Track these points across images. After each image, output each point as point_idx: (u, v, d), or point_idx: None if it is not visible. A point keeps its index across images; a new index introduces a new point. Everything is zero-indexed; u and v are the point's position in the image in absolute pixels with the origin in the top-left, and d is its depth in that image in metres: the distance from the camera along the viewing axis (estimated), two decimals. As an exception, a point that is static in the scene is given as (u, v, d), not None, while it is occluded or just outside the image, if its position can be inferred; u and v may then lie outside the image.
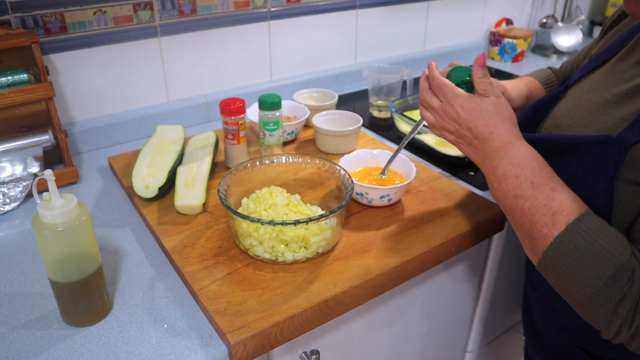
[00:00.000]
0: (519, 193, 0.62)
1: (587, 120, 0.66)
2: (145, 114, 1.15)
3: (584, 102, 0.68)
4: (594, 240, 0.56)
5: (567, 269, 0.57)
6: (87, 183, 0.99)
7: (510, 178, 0.63)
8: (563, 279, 0.58)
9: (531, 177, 0.62)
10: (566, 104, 0.71)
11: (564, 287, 0.59)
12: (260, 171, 0.85)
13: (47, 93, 0.90)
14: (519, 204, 0.62)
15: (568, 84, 0.75)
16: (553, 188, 0.60)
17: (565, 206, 0.58)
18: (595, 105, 0.66)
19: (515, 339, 1.24)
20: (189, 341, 0.63)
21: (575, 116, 0.68)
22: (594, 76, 0.72)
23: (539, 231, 0.59)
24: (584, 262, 0.56)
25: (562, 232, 0.57)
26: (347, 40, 1.43)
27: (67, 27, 1.01)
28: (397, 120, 1.13)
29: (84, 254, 0.62)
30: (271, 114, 0.94)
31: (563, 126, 0.69)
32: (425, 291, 0.91)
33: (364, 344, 0.86)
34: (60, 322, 0.66)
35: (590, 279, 0.55)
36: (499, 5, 1.75)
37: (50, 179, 0.58)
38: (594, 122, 0.64)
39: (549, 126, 0.72)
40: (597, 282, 0.55)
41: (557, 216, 0.58)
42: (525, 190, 0.61)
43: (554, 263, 0.58)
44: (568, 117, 0.69)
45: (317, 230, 0.74)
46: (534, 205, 0.60)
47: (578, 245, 0.56)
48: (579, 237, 0.56)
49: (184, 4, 1.12)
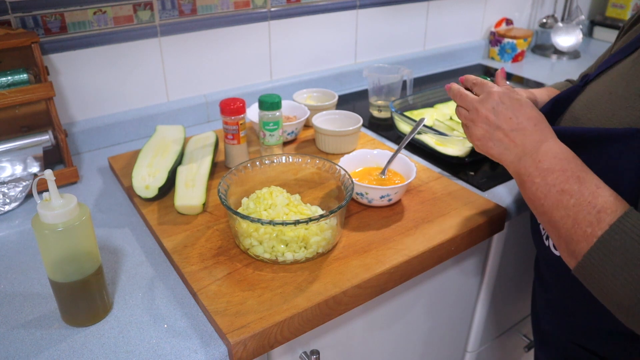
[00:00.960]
0: (565, 188, 0.59)
1: (609, 114, 0.63)
2: (145, 114, 1.15)
3: (605, 96, 0.66)
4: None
5: (613, 270, 0.54)
6: (87, 183, 0.99)
7: (557, 172, 0.60)
8: (607, 281, 0.55)
9: (577, 171, 0.59)
10: (586, 98, 0.69)
11: (607, 290, 0.55)
12: (260, 171, 0.85)
13: (47, 93, 0.90)
14: (563, 200, 0.59)
15: (587, 80, 0.74)
16: (597, 184, 0.58)
17: (609, 204, 0.56)
18: (617, 99, 0.64)
19: (516, 339, 1.24)
20: (189, 341, 0.63)
21: (596, 110, 0.66)
22: (615, 70, 0.69)
23: (583, 231, 0.57)
24: (632, 263, 0.53)
25: (607, 232, 0.54)
26: (347, 40, 1.43)
27: (67, 27, 1.01)
28: (397, 120, 1.13)
29: (84, 254, 0.62)
30: (271, 114, 0.94)
31: (583, 120, 0.67)
32: (425, 291, 0.91)
33: (364, 344, 0.86)
34: (60, 322, 0.66)
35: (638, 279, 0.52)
36: (499, 5, 1.75)
37: (50, 179, 0.58)
38: (617, 115, 0.62)
39: (568, 120, 0.70)
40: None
41: (601, 214, 0.56)
42: (572, 185, 0.58)
43: (598, 265, 0.55)
44: (588, 111, 0.67)
45: (317, 230, 0.74)
46: (579, 202, 0.57)
47: (625, 245, 0.53)
48: (626, 237, 0.53)
49: (184, 4, 1.12)
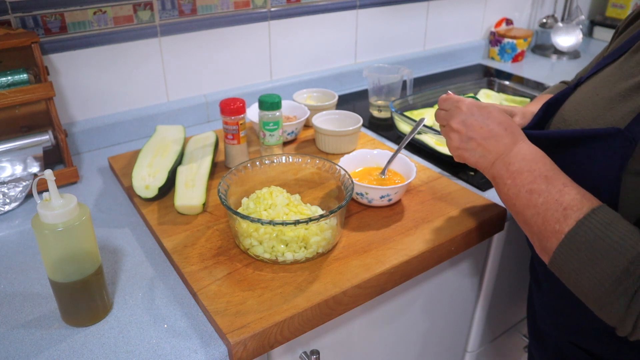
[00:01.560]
0: (533, 188, 0.62)
1: (594, 115, 0.65)
2: (145, 114, 1.15)
3: (591, 97, 0.68)
4: (605, 235, 0.56)
5: (579, 265, 0.57)
6: (87, 183, 0.99)
7: (525, 173, 0.63)
8: (576, 275, 0.58)
9: (544, 171, 0.62)
10: (574, 100, 0.71)
11: (577, 284, 0.58)
12: (260, 171, 0.85)
13: (47, 93, 0.90)
14: (532, 199, 0.62)
15: (579, 82, 0.75)
16: (564, 183, 0.61)
17: (576, 201, 0.59)
18: (603, 100, 0.66)
19: (515, 339, 1.24)
20: (189, 341, 0.63)
21: (582, 111, 0.68)
22: (604, 73, 0.71)
23: (552, 228, 0.59)
24: (595, 257, 0.56)
25: (573, 228, 0.57)
26: (347, 40, 1.43)
27: (67, 27, 1.01)
28: (397, 120, 1.13)
29: (84, 254, 0.62)
30: (271, 114, 0.94)
31: (571, 121, 0.69)
32: (425, 291, 0.91)
33: (364, 344, 0.86)
34: (60, 322, 0.66)
35: (602, 273, 0.55)
36: (499, 5, 1.75)
37: (50, 179, 0.58)
38: (602, 116, 0.64)
39: (557, 122, 0.72)
40: (610, 276, 0.55)
41: (568, 211, 0.58)
42: (540, 185, 0.62)
43: (566, 260, 0.58)
44: (576, 113, 0.68)
45: (317, 230, 0.74)
46: (547, 201, 0.60)
47: (589, 241, 0.56)
48: (590, 233, 0.56)
49: (184, 4, 1.12)
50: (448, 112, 0.72)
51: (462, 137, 0.70)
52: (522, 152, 0.65)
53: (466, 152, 0.70)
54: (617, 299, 0.55)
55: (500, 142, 0.67)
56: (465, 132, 0.69)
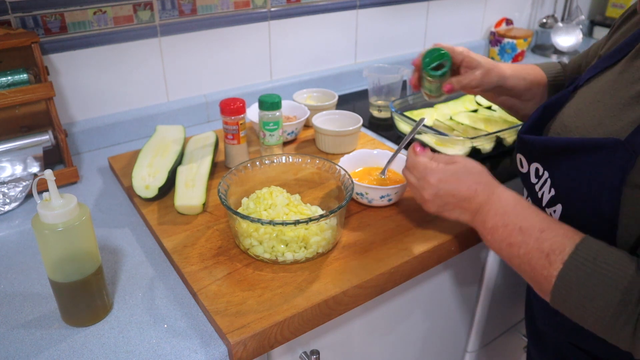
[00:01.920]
0: (511, 241, 0.64)
1: (596, 122, 0.65)
2: (145, 114, 1.15)
3: (593, 104, 0.68)
4: (593, 270, 0.57)
5: (577, 303, 0.58)
6: (87, 183, 0.99)
7: (500, 228, 0.66)
8: (577, 313, 0.59)
9: (518, 222, 0.64)
10: (575, 105, 0.71)
11: (581, 320, 0.59)
12: (260, 171, 0.85)
13: (47, 93, 0.90)
14: (513, 252, 0.64)
15: (577, 85, 0.75)
16: (541, 229, 0.62)
17: (556, 244, 0.60)
18: (604, 107, 0.66)
19: (515, 339, 1.24)
20: (189, 341, 0.63)
21: (584, 118, 0.67)
22: (604, 77, 0.71)
23: (540, 274, 0.61)
24: (590, 295, 0.56)
25: (561, 271, 0.58)
26: (347, 40, 1.43)
27: (67, 27, 1.01)
28: (397, 120, 1.13)
29: (84, 254, 0.62)
30: (271, 114, 0.94)
31: (571, 127, 0.68)
32: (425, 291, 0.91)
33: (364, 344, 0.86)
34: (60, 322, 0.66)
35: (601, 309, 0.56)
36: (499, 5, 1.75)
37: (50, 179, 0.58)
38: (603, 124, 0.64)
39: (557, 127, 0.71)
40: (608, 310, 0.55)
41: (551, 256, 0.60)
42: (516, 237, 0.63)
43: (564, 301, 0.59)
44: (577, 119, 0.68)
45: (317, 230, 0.74)
46: (527, 251, 0.62)
47: (580, 280, 0.57)
48: (578, 271, 0.57)
49: (184, 4, 1.12)
50: (420, 181, 0.73)
51: (436, 205, 0.73)
52: (495, 208, 0.67)
53: (445, 213, 0.73)
54: (621, 329, 0.55)
55: (474, 202, 0.69)
56: (440, 201, 0.72)
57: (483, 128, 1.14)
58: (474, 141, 1.00)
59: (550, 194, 0.68)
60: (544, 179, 0.69)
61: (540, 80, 0.93)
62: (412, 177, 0.75)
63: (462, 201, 0.70)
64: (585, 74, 0.76)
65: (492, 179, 0.71)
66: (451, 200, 0.71)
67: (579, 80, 0.75)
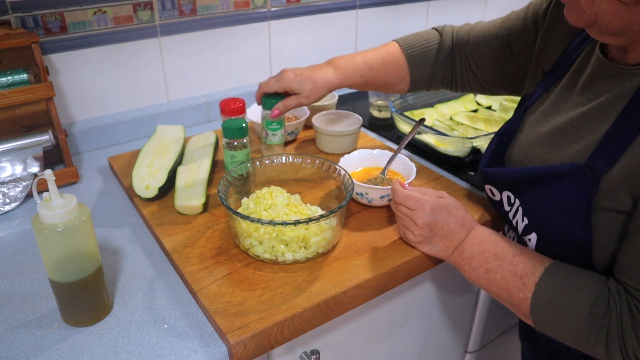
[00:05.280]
0: (488, 268, 0.68)
1: (554, 148, 0.67)
2: (145, 114, 1.15)
3: (545, 128, 0.70)
4: (563, 289, 0.60)
5: (553, 323, 0.61)
6: (87, 183, 0.99)
7: (477, 256, 0.69)
8: (557, 332, 0.61)
9: (492, 249, 0.68)
10: (530, 131, 0.73)
11: (560, 338, 0.62)
12: (260, 171, 0.85)
13: (47, 93, 0.90)
14: (491, 278, 0.67)
15: (527, 106, 0.76)
16: (514, 254, 0.66)
17: (528, 267, 0.64)
18: (557, 131, 0.67)
19: (515, 340, 1.24)
20: (189, 341, 0.63)
21: (541, 144, 0.69)
22: (551, 98, 0.72)
23: (517, 297, 0.64)
24: (562, 313, 0.59)
25: (534, 293, 0.62)
26: (347, 40, 1.43)
27: (67, 27, 1.01)
28: (397, 120, 1.13)
29: (84, 254, 0.62)
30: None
31: (531, 155, 0.70)
32: (425, 291, 0.91)
33: (364, 344, 0.86)
34: (60, 322, 0.66)
35: (574, 325, 0.59)
36: (499, 5, 1.75)
37: (50, 179, 0.58)
38: (562, 149, 0.65)
39: (518, 156, 0.73)
40: (580, 326, 0.58)
41: (525, 279, 0.63)
42: (492, 263, 0.67)
43: (542, 321, 0.62)
44: (535, 146, 0.70)
45: (317, 230, 0.74)
46: (503, 275, 0.65)
47: (551, 299, 0.60)
48: (549, 292, 0.61)
49: (184, 4, 1.12)
50: (414, 211, 0.74)
51: (424, 234, 0.74)
52: (472, 239, 0.71)
53: (426, 247, 0.75)
54: (596, 343, 0.58)
55: (456, 237, 0.73)
56: (429, 232, 0.73)
57: (483, 128, 1.15)
58: (474, 141, 1.00)
59: (524, 223, 0.70)
60: (516, 206, 0.72)
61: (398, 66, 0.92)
62: (404, 208, 0.75)
63: (446, 236, 0.73)
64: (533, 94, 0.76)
65: (472, 218, 0.75)
66: (439, 232, 0.73)
67: (528, 102, 0.77)
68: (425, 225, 0.73)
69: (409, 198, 0.74)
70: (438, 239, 0.74)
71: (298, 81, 0.86)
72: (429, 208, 0.73)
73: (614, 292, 0.57)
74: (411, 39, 0.94)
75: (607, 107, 0.62)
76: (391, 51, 0.93)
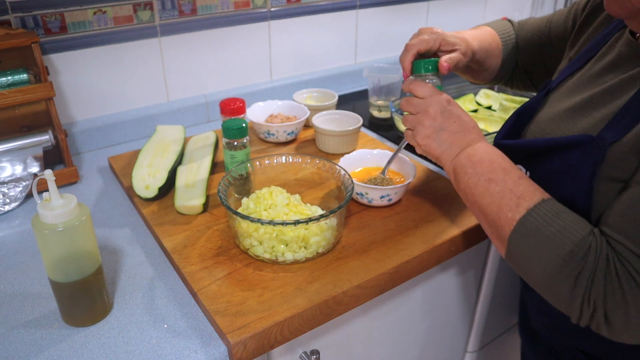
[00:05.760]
0: (492, 177, 0.65)
1: (569, 123, 0.67)
2: (145, 114, 1.15)
3: (564, 105, 0.70)
4: (553, 221, 0.59)
5: (529, 250, 0.59)
6: (87, 183, 0.99)
7: (486, 162, 0.67)
8: (527, 261, 0.60)
9: (503, 163, 0.66)
10: (549, 109, 0.73)
11: (528, 270, 0.61)
12: (260, 171, 0.85)
13: (47, 93, 0.90)
14: (490, 187, 0.65)
15: (549, 88, 0.76)
16: (520, 176, 0.65)
17: (528, 192, 0.62)
18: (575, 107, 0.68)
19: (515, 339, 1.24)
20: (189, 341, 0.63)
21: (558, 120, 0.69)
22: (574, 79, 0.73)
23: (505, 215, 0.62)
24: (543, 242, 0.58)
25: (524, 215, 0.60)
26: (347, 40, 1.43)
27: (67, 27, 1.01)
28: (397, 120, 1.13)
29: (84, 254, 0.62)
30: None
31: (547, 130, 0.70)
32: (425, 291, 0.91)
33: (364, 344, 0.86)
34: (60, 322, 0.66)
35: (549, 257, 0.58)
36: (499, 5, 1.75)
37: (50, 179, 0.58)
38: (576, 124, 0.66)
39: (535, 132, 0.73)
40: (555, 259, 0.57)
41: (521, 200, 0.62)
42: (498, 174, 0.65)
43: (518, 246, 0.61)
44: (552, 122, 0.70)
45: (317, 230, 0.74)
46: (503, 190, 0.64)
47: (538, 227, 0.59)
48: (539, 219, 0.59)
49: (184, 4, 1.12)
50: (426, 99, 0.71)
51: (435, 126, 0.71)
52: (484, 147, 0.69)
53: (434, 142, 0.71)
54: (563, 282, 0.57)
55: (467, 137, 0.70)
56: (441, 121, 0.70)
57: (483, 128, 1.15)
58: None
59: None
60: None
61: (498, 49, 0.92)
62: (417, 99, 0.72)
63: (457, 132, 0.70)
64: (556, 78, 0.77)
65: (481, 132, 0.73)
66: (451, 127, 0.70)
67: (551, 84, 0.77)
68: (438, 114, 0.70)
69: (425, 86, 0.72)
70: (448, 135, 0.70)
71: (452, 35, 0.80)
72: (444, 98, 0.71)
73: (597, 239, 0.57)
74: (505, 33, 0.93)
75: (629, 83, 0.62)
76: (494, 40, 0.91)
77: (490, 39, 0.90)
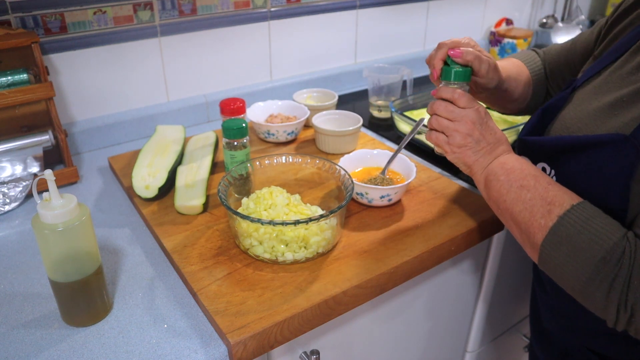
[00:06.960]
0: (523, 184, 0.66)
1: (598, 122, 0.66)
2: (145, 114, 1.15)
3: (593, 104, 0.69)
4: (584, 227, 0.59)
5: (563, 258, 0.59)
6: (87, 183, 0.99)
7: (517, 170, 0.68)
8: (560, 269, 0.60)
9: (533, 171, 0.67)
10: (575, 106, 0.72)
11: (562, 277, 0.61)
12: (260, 171, 0.85)
13: (47, 93, 0.90)
14: (522, 194, 0.65)
15: (575, 86, 0.75)
16: (549, 182, 0.65)
17: (559, 197, 0.62)
18: (605, 106, 0.66)
19: (516, 339, 1.24)
20: (189, 341, 0.63)
21: (585, 118, 0.68)
22: (601, 78, 0.72)
23: (537, 222, 0.62)
24: (576, 249, 0.58)
25: (555, 223, 0.61)
26: (347, 40, 1.43)
27: (67, 27, 1.01)
28: (397, 120, 1.13)
29: (84, 254, 0.62)
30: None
31: (573, 129, 0.69)
32: (425, 291, 0.91)
33: (364, 344, 0.86)
34: (60, 322, 0.66)
35: (583, 264, 0.58)
36: (499, 5, 1.75)
37: (50, 179, 0.58)
38: (606, 123, 0.65)
39: (559, 129, 0.72)
40: (589, 265, 0.57)
41: (551, 206, 0.62)
42: (529, 181, 0.65)
43: (552, 254, 0.61)
44: (578, 120, 0.69)
45: (317, 230, 0.74)
46: (534, 196, 0.64)
47: (570, 234, 0.59)
48: (570, 227, 0.59)
49: (184, 4, 1.12)
50: (466, 109, 0.71)
51: (473, 136, 0.71)
52: (515, 156, 0.71)
53: (470, 151, 0.72)
54: (597, 288, 0.57)
55: (501, 147, 0.72)
56: (479, 132, 0.71)
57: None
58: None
59: None
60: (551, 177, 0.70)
61: (527, 79, 0.92)
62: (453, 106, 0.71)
63: (496, 141, 0.71)
64: (582, 76, 0.76)
65: None
66: (488, 137, 0.71)
67: (577, 82, 0.76)
68: (477, 125, 0.70)
69: (466, 95, 0.71)
70: (485, 144, 0.71)
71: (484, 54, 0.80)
72: (483, 110, 0.71)
73: (631, 243, 0.56)
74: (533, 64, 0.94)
75: None
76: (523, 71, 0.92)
77: (517, 69, 0.91)
